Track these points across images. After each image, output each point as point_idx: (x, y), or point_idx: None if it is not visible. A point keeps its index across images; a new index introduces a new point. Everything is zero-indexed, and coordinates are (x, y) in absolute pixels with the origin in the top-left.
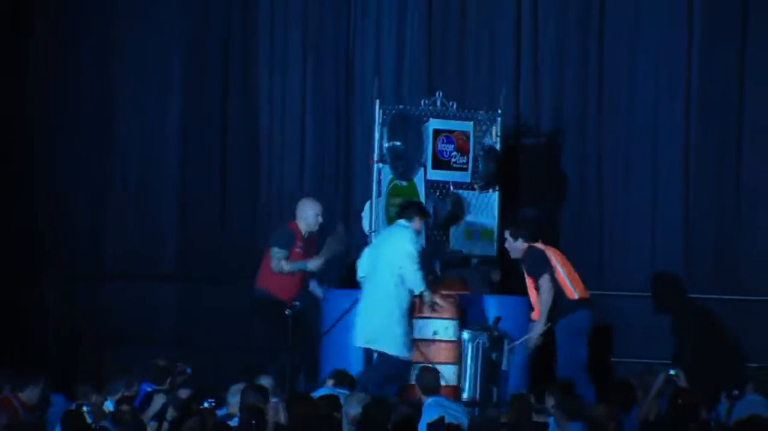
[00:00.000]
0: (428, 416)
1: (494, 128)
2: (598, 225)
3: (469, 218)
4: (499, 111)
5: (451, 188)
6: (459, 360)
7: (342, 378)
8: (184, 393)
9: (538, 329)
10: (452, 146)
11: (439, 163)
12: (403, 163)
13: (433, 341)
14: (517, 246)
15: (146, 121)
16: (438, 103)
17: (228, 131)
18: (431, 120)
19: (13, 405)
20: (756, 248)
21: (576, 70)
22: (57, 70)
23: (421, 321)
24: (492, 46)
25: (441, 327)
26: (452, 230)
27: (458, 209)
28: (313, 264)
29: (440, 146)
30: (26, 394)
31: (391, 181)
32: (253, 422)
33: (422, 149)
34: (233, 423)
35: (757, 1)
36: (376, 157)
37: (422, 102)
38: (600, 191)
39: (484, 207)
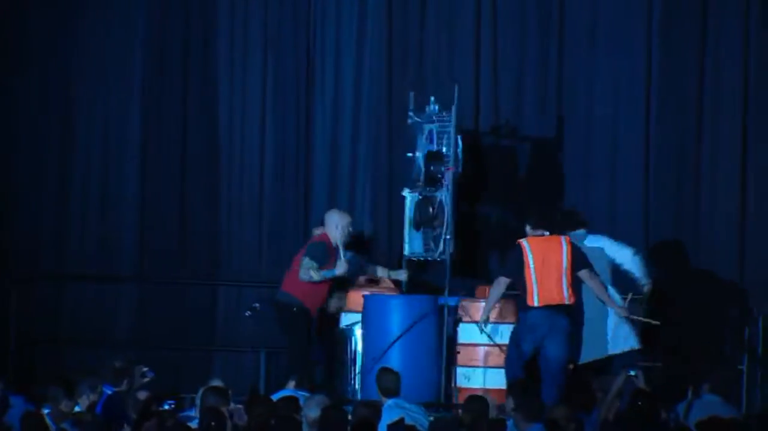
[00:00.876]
0: (388, 418)
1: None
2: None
3: None
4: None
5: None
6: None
7: (303, 380)
8: (142, 395)
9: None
10: None
11: None
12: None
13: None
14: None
15: (108, 121)
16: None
17: (188, 133)
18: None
19: None
20: (717, 251)
21: (536, 75)
22: (17, 70)
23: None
24: (451, 51)
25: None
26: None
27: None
28: (340, 269)
29: None
30: None
31: None
32: (213, 424)
33: None
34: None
35: (716, 1)
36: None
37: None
38: (562, 194)
39: None
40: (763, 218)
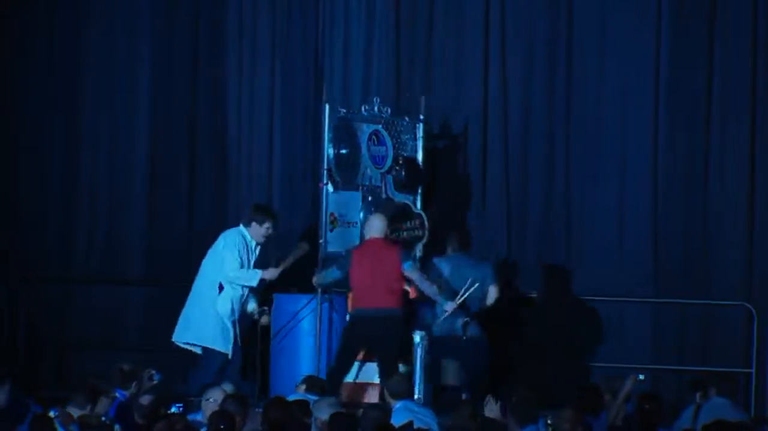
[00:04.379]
0: (397, 421)
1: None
2: (566, 231)
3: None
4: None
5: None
6: None
7: (314, 383)
8: (145, 400)
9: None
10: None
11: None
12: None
13: None
14: None
15: (115, 122)
16: (376, 108)
17: (196, 135)
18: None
19: None
20: (724, 253)
21: (544, 77)
22: (22, 71)
23: None
24: (459, 54)
25: None
26: None
27: None
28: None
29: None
30: None
31: None
32: (222, 427)
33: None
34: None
35: (724, 6)
36: None
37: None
38: (568, 198)
39: None
40: None
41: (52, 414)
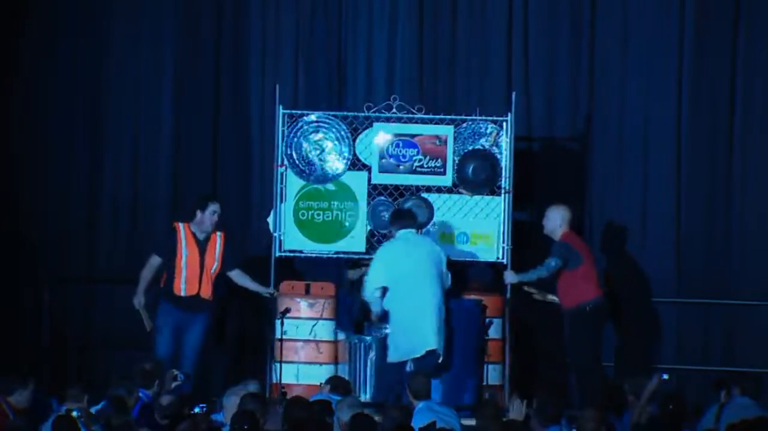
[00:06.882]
0: (420, 421)
1: (493, 132)
2: (589, 233)
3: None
4: (510, 115)
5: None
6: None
7: (338, 384)
8: (165, 400)
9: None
10: (415, 149)
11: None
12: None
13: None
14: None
15: (138, 122)
16: (394, 107)
17: (220, 136)
18: (376, 124)
19: (2, 410)
20: (746, 254)
21: (567, 76)
22: (47, 71)
23: None
24: (483, 52)
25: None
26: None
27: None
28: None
29: (391, 151)
30: (15, 398)
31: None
32: (246, 427)
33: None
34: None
35: (749, 2)
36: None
37: (365, 107)
38: (590, 199)
39: (479, 212)
40: None
41: (75, 414)
